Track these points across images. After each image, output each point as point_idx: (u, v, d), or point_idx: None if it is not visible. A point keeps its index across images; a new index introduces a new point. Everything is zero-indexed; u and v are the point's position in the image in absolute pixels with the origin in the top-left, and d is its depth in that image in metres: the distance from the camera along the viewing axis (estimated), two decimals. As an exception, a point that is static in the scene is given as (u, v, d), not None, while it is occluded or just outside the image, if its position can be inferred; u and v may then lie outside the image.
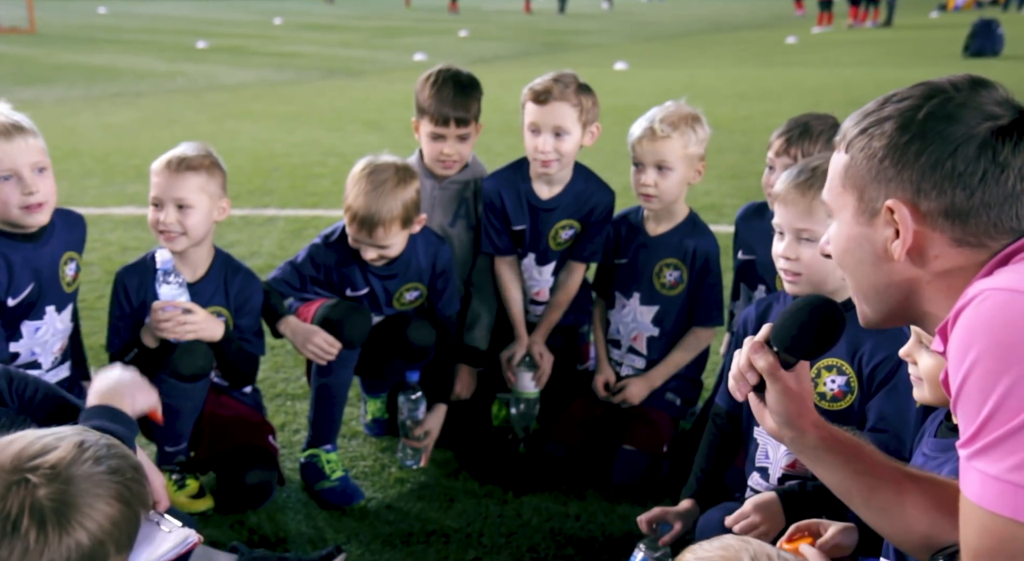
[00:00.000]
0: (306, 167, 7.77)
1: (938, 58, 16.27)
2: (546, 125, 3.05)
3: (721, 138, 8.81)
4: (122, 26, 25.99)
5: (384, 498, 2.91)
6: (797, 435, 1.54)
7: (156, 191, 2.73)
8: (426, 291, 3.12)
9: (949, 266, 1.33)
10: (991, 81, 1.34)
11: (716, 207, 6.24)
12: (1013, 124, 1.30)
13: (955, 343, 1.26)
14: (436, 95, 3.12)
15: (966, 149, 1.29)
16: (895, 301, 1.40)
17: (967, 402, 1.23)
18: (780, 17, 31.36)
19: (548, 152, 3.07)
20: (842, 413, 2.23)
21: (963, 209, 1.29)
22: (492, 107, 10.07)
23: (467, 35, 23.47)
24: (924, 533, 1.46)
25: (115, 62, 16.25)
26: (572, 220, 3.26)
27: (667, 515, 2.27)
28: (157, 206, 2.74)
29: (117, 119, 10.32)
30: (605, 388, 3.22)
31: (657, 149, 2.94)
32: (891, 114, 1.34)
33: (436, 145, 3.16)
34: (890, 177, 1.33)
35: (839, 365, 2.23)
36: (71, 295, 2.82)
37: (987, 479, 1.21)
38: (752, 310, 2.47)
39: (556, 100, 3.04)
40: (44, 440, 1.31)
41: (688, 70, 15.40)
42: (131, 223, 6.01)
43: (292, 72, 15.29)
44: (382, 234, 2.88)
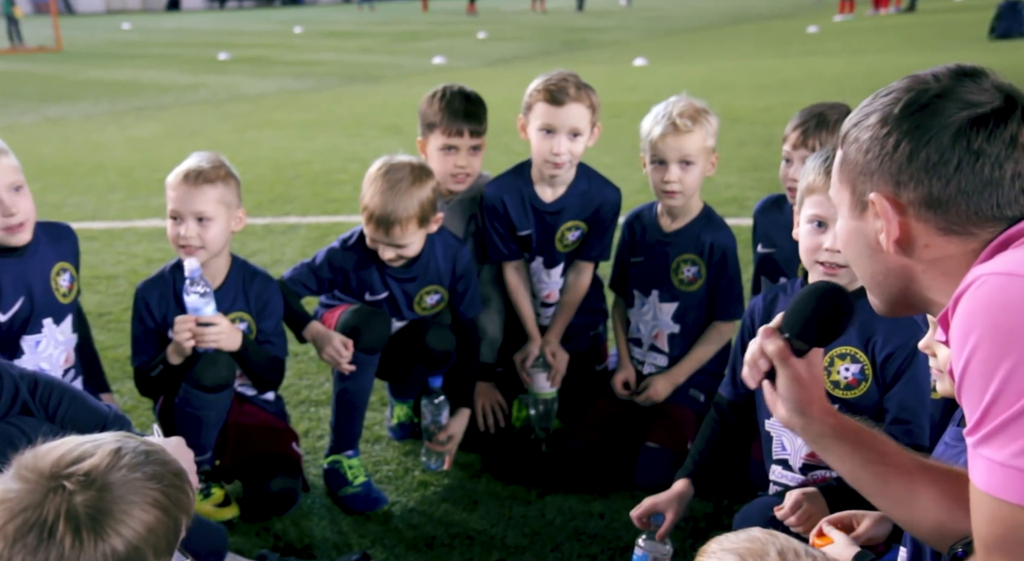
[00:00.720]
0: (327, 174, 7.82)
1: (963, 42, 16.05)
2: (563, 126, 3.04)
3: (742, 130, 8.76)
4: (145, 41, 26.31)
5: (407, 502, 2.92)
6: (807, 422, 1.53)
7: (175, 205, 2.74)
8: (447, 294, 3.11)
9: (940, 255, 1.34)
10: (981, 70, 1.34)
11: (738, 200, 6.20)
12: (992, 112, 1.30)
13: (955, 329, 1.26)
14: (447, 108, 3.12)
15: (940, 139, 1.30)
16: (897, 290, 1.42)
17: (970, 389, 1.23)
18: (800, 6, 31.10)
19: (563, 154, 3.06)
20: (858, 401, 2.23)
21: (941, 198, 1.31)
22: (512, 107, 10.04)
23: (485, 36, 23.51)
24: (936, 522, 1.46)
25: (139, 77, 16.46)
26: (578, 221, 3.25)
27: (658, 505, 2.25)
28: (176, 220, 2.75)
29: (141, 132, 10.45)
30: (625, 386, 3.21)
31: (681, 144, 2.91)
32: (876, 108, 1.37)
33: (448, 158, 3.15)
34: (873, 170, 1.36)
35: (852, 353, 2.22)
36: (69, 306, 2.83)
37: (993, 466, 1.20)
38: (759, 300, 2.46)
39: (573, 101, 3.02)
40: (83, 447, 1.32)
41: (708, 63, 15.31)
42: (155, 235, 6.07)
43: (312, 80, 15.40)
44: (399, 233, 2.87)
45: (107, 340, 4.28)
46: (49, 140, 9.87)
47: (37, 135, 9.80)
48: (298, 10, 46.51)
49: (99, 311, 4.65)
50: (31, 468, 1.27)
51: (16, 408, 2.14)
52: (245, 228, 2.99)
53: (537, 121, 3.07)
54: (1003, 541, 1.21)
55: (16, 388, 2.14)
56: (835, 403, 2.17)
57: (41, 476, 1.27)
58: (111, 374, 3.86)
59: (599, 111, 3.14)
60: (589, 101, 3.06)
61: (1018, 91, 1.33)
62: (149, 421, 3.29)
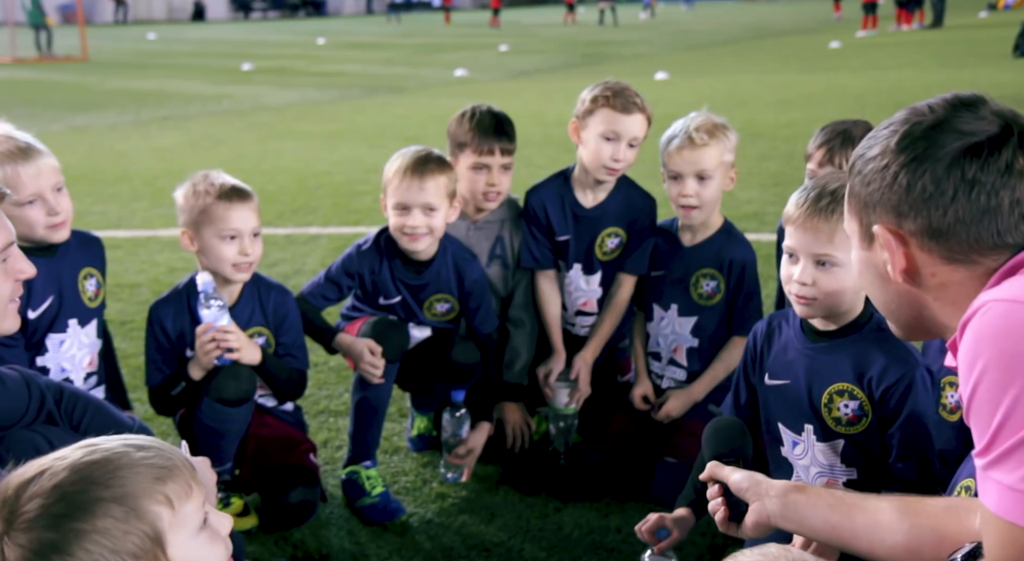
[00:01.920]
0: (348, 185, 7.87)
1: (988, 58, 15.97)
2: (626, 134, 3.08)
3: (764, 145, 8.75)
4: (171, 51, 26.62)
5: (425, 513, 2.92)
6: (770, 498, 1.64)
7: (235, 223, 2.74)
8: (458, 305, 3.13)
9: (947, 282, 1.36)
10: (979, 98, 1.36)
11: (759, 215, 6.19)
12: (986, 142, 1.31)
13: (963, 355, 1.28)
14: (477, 127, 3.14)
15: (935, 169, 1.32)
16: (910, 317, 1.45)
17: (978, 413, 1.25)
18: (823, 22, 31.06)
19: (622, 161, 3.12)
20: (860, 436, 2.20)
21: (941, 228, 1.33)
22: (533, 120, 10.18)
23: (507, 49, 23.62)
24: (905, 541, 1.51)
25: (164, 86, 16.65)
26: (618, 228, 3.26)
27: (665, 521, 2.26)
28: (235, 238, 2.76)
29: (165, 142, 10.57)
30: (644, 401, 3.20)
31: (697, 158, 2.92)
32: (877, 140, 1.41)
33: (479, 176, 3.16)
34: (875, 201, 1.39)
35: (849, 389, 2.19)
36: (95, 311, 2.87)
37: (1003, 489, 1.22)
38: (762, 327, 2.41)
39: (638, 111, 3.08)
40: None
41: (730, 77, 15.31)
42: (178, 244, 6.06)
43: (335, 91, 15.52)
44: (432, 186, 2.89)
45: (129, 348, 4.32)
46: (75, 149, 9.99)
47: (64, 144, 9.92)
48: (321, 21, 46.90)
49: (121, 319, 4.69)
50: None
51: (42, 417, 2.17)
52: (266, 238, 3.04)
53: (600, 127, 3.09)
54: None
55: (43, 397, 2.17)
56: (840, 439, 2.20)
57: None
58: (131, 382, 3.89)
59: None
60: (648, 113, 3.12)
61: (1018, 117, 1.35)
62: (167, 432, 3.32)
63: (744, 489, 1.67)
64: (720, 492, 1.73)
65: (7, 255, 2.01)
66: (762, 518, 1.63)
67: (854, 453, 2.21)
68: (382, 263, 3.05)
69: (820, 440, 2.24)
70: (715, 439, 1.87)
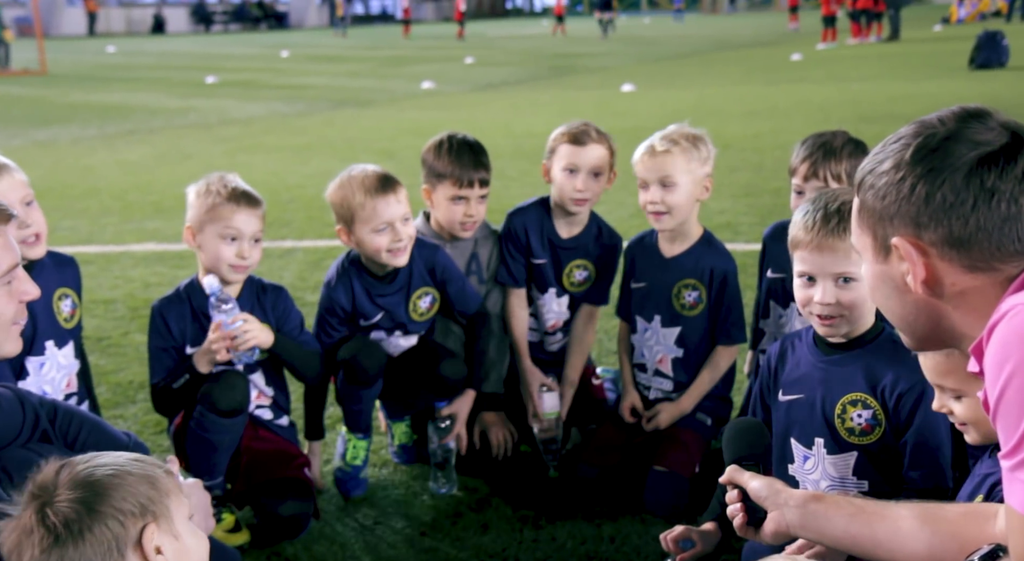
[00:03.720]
0: (322, 198, 7.74)
1: (945, 70, 16.31)
2: (585, 165, 3.19)
3: (733, 157, 8.85)
4: (132, 64, 26.31)
5: (418, 526, 2.92)
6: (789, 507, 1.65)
7: (237, 224, 2.79)
8: (438, 295, 3.18)
9: (968, 291, 1.37)
10: (985, 110, 1.39)
11: (732, 225, 6.25)
12: (1001, 150, 1.34)
13: (990, 358, 1.29)
14: (456, 160, 3.19)
15: (953, 179, 1.34)
16: (928, 328, 1.46)
17: (1006, 415, 1.26)
18: (783, 34, 31.53)
19: (586, 191, 3.21)
20: (874, 446, 2.21)
21: (962, 237, 1.35)
22: (503, 132, 10.23)
23: (473, 62, 23.67)
24: (928, 547, 1.53)
25: (127, 100, 16.46)
26: (587, 261, 3.37)
27: (692, 533, 2.28)
28: (235, 239, 2.81)
29: (132, 156, 10.44)
30: (632, 413, 3.22)
31: (658, 165, 2.99)
32: (888, 154, 1.42)
33: (458, 208, 3.22)
34: (892, 214, 1.40)
35: (863, 399, 2.21)
36: (71, 331, 2.85)
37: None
38: (774, 350, 2.43)
39: (594, 143, 3.19)
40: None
41: (695, 90, 15.48)
42: (152, 259, 6.06)
43: (302, 104, 15.44)
44: (403, 197, 2.98)
45: (108, 365, 4.26)
46: (39, 164, 9.83)
47: (27, 158, 9.75)
48: (284, 34, 46.62)
49: (98, 335, 4.63)
50: None
51: (36, 435, 2.14)
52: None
53: (561, 162, 3.22)
54: None
55: (37, 416, 2.14)
56: (854, 450, 2.22)
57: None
58: (113, 399, 3.85)
59: (616, 156, 3.27)
60: (608, 144, 3.24)
61: (1022, 127, 1.38)
62: (164, 447, 3.28)
63: (763, 497, 1.68)
64: (739, 497, 1.74)
65: (12, 277, 1.99)
66: (781, 527, 1.64)
67: (867, 465, 2.22)
68: (353, 288, 3.09)
69: (831, 452, 2.25)
70: (735, 442, 1.87)
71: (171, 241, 6.49)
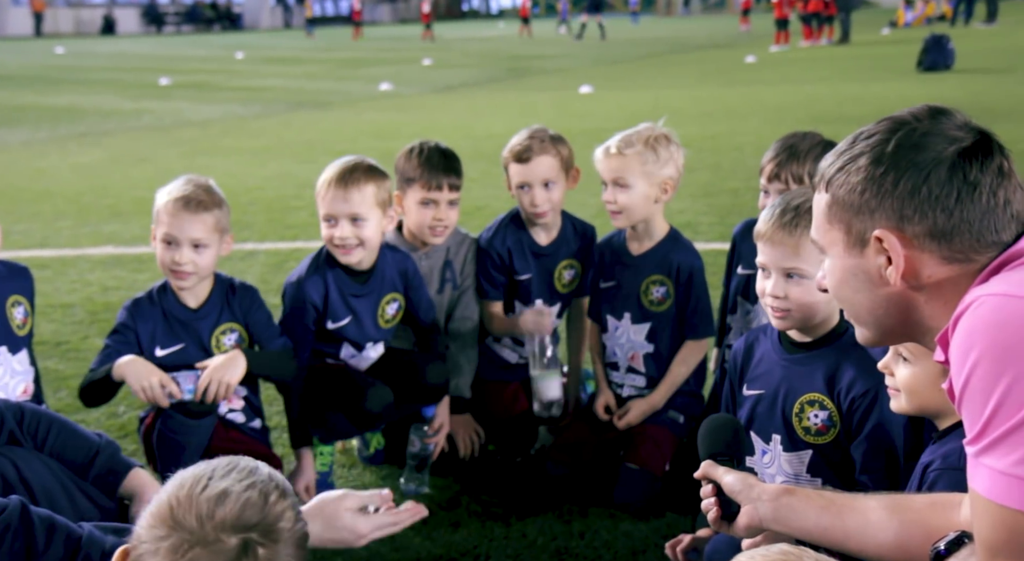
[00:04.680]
0: (282, 200, 7.78)
1: (894, 73, 16.66)
2: (535, 180, 3.22)
3: (691, 157, 8.84)
4: (82, 65, 25.84)
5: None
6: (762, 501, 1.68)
7: (171, 230, 2.76)
8: (404, 301, 3.18)
9: (942, 282, 1.40)
10: (949, 108, 1.44)
11: (692, 225, 6.33)
12: (976, 145, 1.38)
13: (956, 348, 1.33)
14: (426, 163, 3.20)
15: (938, 173, 1.37)
16: (895, 321, 1.48)
17: (971, 402, 1.30)
18: (736, 36, 31.93)
19: (541, 204, 3.24)
20: (828, 447, 2.24)
21: (946, 229, 1.38)
22: (463, 134, 10.27)
23: (431, 63, 23.64)
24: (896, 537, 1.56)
25: (79, 102, 16.17)
26: (572, 260, 3.41)
27: (699, 543, 2.28)
28: (171, 244, 2.77)
29: (86, 159, 10.27)
30: (606, 411, 3.26)
31: (612, 167, 3.04)
32: (863, 150, 1.43)
33: (427, 211, 3.21)
34: (873, 208, 1.42)
35: (820, 400, 2.23)
36: (24, 339, 2.83)
37: (995, 474, 1.27)
38: (741, 344, 2.47)
39: (538, 155, 3.21)
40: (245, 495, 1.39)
41: (653, 91, 15.63)
42: (110, 263, 5.98)
43: (259, 106, 15.30)
44: (357, 196, 2.91)
45: (67, 369, 4.20)
46: (-11, 166, 9.64)
47: (-24, 161, 9.59)
48: (237, 35, 46.11)
49: (56, 340, 4.56)
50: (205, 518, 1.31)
51: (3, 438, 2.11)
52: None
53: (514, 180, 3.27)
54: (1006, 545, 1.28)
55: (2, 418, 2.12)
56: (808, 448, 2.24)
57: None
58: (74, 404, 3.79)
59: (571, 158, 3.29)
60: (555, 151, 3.24)
61: (983, 126, 1.43)
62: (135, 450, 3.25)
63: (737, 491, 1.70)
64: (714, 491, 1.76)
65: None
66: (754, 521, 1.67)
67: (821, 464, 2.24)
68: (327, 285, 3.05)
69: (787, 450, 2.28)
70: (709, 438, 1.89)
71: (129, 244, 6.41)
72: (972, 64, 16.89)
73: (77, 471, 2.17)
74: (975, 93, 12.75)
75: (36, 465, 2.06)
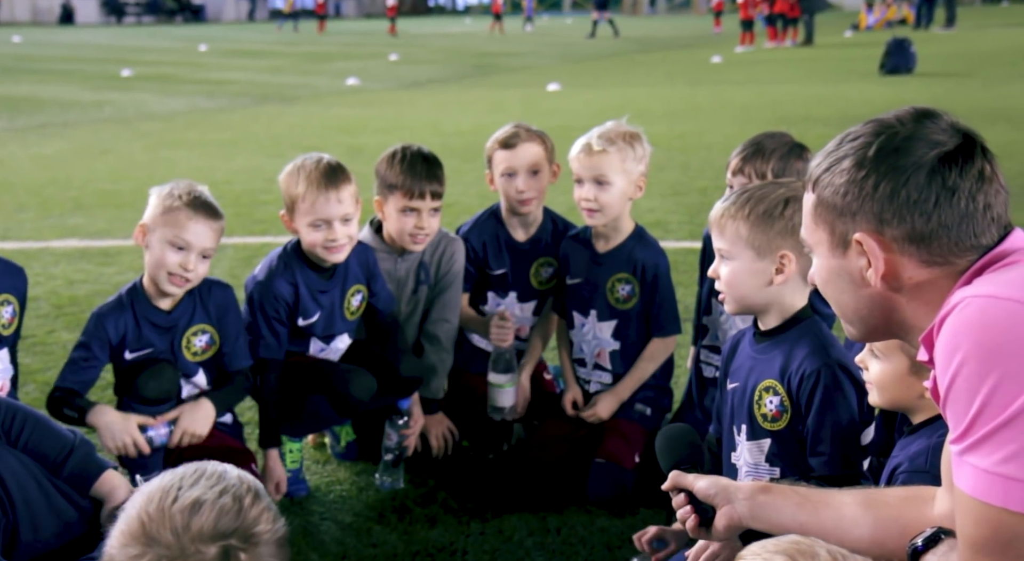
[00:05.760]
0: (250, 194, 7.71)
1: (857, 75, 16.89)
2: (522, 166, 3.22)
3: (660, 156, 8.99)
4: (40, 55, 25.37)
5: (365, 521, 2.92)
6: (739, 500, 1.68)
7: (187, 236, 2.73)
8: (367, 293, 3.18)
9: (922, 284, 1.43)
10: (936, 111, 1.45)
11: (661, 224, 6.38)
12: (957, 149, 1.40)
13: (941, 348, 1.35)
14: (409, 170, 3.15)
15: (917, 177, 1.39)
16: (878, 320, 1.50)
17: (956, 402, 1.32)
18: (702, 37, 32.16)
19: (527, 191, 3.23)
20: (784, 434, 2.25)
21: (924, 233, 1.40)
22: (431, 130, 10.24)
23: (397, 59, 23.54)
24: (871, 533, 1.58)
25: (38, 92, 15.88)
26: (550, 257, 3.40)
27: (665, 533, 2.31)
28: (181, 249, 2.74)
29: (47, 150, 10.09)
30: (573, 406, 3.28)
31: (594, 163, 3.04)
32: (847, 152, 1.45)
33: (408, 219, 3.17)
34: (854, 210, 1.44)
35: (773, 386, 2.25)
36: (8, 338, 2.80)
37: (979, 472, 1.30)
38: (730, 342, 2.49)
39: (525, 142, 3.22)
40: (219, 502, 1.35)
41: (620, 90, 15.71)
42: (75, 256, 5.88)
43: (224, 99, 15.13)
44: (347, 197, 2.92)
45: (33, 363, 4.14)
46: (-54, 157, 9.43)
47: (-67, 151, 9.38)
48: (200, 27, 45.51)
49: (22, 334, 4.45)
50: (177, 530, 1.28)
51: (-24, 432, 2.08)
52: None
53: (499, 168, 3.25)
54: (988, 542, 1.31)
55: (-24, 412, 2.08)
56: (767, 436, 2.26)
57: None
58: (40, 399, 3.72)
59: (554, 152, 3.30)
60: (541, 141, 3.26)
61: (971, 128, 1.45)
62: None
63: (712, 495, 1.70)
64: (686, 501, 1.75)
65: None
66: (733, 521, 1.67)
67: (779, 452, 2.26)
68: (296, 279, 3.02)
69: (749, 439, 2.30)
70: (668, 449, 1.89)
71: (94, 237, 6.31)
72: (933, 68, 17.19)
73: (50, 468, 2.15)
74: (936, 96, 12.97)
75: (10, 461, 2.03)
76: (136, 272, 5.53)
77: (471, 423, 3.42)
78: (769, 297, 2.25)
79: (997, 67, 17.41)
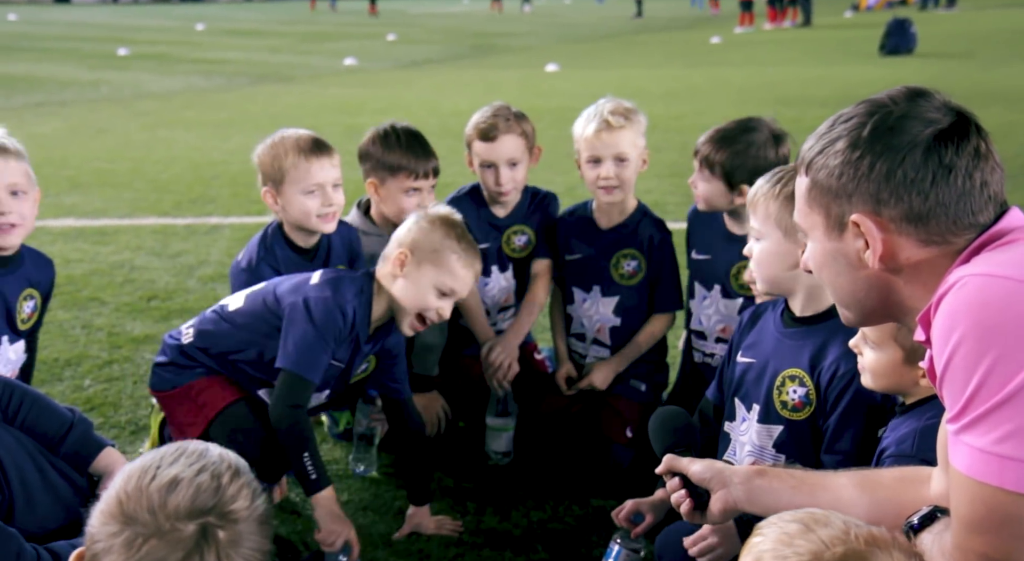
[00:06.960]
0: (247, 174, 7.65)
1: (857, 56, 16.81)
2: (500, 159, 3.18)
3: (658, 137, 8.97)
4: (37, 33, 25.22)
5: (360, 499, 2.93)
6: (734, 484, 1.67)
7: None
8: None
9: (920, 264, 1.41)
10: (928, 89, 1.44)
11: (659, 205, 6.35)
12: (952, 127, 1.38)
13: (938, 327, 1.34)
14: (408, 152, 3.14)
15: (913, 156, 1.37)
16: (875, 303, 1.49)
17: (952, 381, 1.32)
18: (701, 18, 31.97)
19: (506, 184, 3.21)
20: (801, 424, 2.23)
21: (922, 212, 1.38)
22: (429, 110, 10.17)
23: (395, 39, 23.41)
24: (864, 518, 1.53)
25: (34, 71, 15.79)
26: (523, 225, 3.36)
27: (641, 506, 2.33)
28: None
29: (43, 129, 10.05)
30: (567, 382, 3.28)
31: (615, 140, 3.02)
32: (840, 133, 1.43)
33: (412, 200, 3.16)
34: (850, 192, 1.42)
35: (800, 376, 2.23)
36: (25, 332, 2.77)
37: (974, 452, 1.29)
38: (749, 312, 2.45)
39: (504, 134, 3.16)
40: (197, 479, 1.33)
41: (618, 70, 15.64)
42: (72, 235, 5.87)
43: (221, 79, 15.06)
44: (337, 161, 2.93)
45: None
46: (-58, 136, 9.38)
47: (-72, 130, 9.32)
48: (197, 7, 45.21)
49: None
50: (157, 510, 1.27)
51: (-28, 410, 2.08)
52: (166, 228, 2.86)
53: (477, 158, 3.22)
54: (984, 520, 1.31)
55: (-28, 389, 2.08)
56: (780, 424, 2.24)
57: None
58: (39, 377, 3.73)
59: (534, 136, 3.27)
60: (521, 130, 3.20)
61: (963, 106, 1.44)
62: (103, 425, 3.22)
63: (707, 479, 1.69)
64: (681, 484, 1.74)
65: None
66: (728, 505, 1.67)
67: (790, 441, 2.24)
68: (278, 260, 2.98)
69: (760, 421, 2.28)
70: (662, 432, 1.88)
71: (91, 216, 6.30)
72: (933, 48, 17.10)
73: (48, 445, 2.15)
74: (936, 77, 12.91)
75: (7, 439, 2.03)
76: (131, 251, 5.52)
77: (466, 404, 3.42)
78: (798, 280, 2.21)
79: (997, 47, 17.34)
